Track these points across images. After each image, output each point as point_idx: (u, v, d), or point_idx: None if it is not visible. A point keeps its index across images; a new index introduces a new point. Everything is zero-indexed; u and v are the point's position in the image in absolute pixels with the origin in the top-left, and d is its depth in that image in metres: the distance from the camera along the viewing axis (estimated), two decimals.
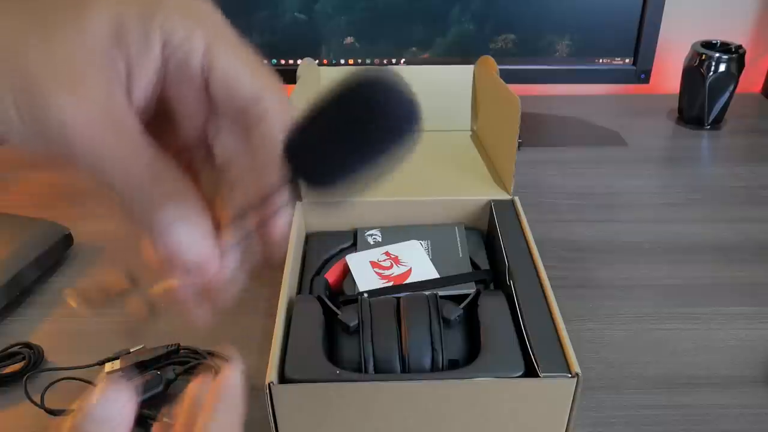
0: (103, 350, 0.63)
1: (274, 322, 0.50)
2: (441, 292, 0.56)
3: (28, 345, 0.62)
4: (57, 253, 0.74)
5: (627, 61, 0.97)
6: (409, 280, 0.60)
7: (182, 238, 0.24)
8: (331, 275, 0.62)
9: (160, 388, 0.56)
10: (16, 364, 0.60)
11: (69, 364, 0.59)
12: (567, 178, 0.92)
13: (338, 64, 0.97)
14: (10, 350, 0.61)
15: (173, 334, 0.63)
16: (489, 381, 0.47)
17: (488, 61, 0.81)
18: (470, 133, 0.86)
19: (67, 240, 0.75)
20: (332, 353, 0.51)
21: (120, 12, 0.22)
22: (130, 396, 0.27)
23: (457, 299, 0.54)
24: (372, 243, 0.65)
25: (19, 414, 0.57)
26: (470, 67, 0.85)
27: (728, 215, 0.83)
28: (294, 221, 0.63)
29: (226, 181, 0.26)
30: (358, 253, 0.64)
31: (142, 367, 0.59)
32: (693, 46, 1.02)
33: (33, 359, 0.60)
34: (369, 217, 0.68)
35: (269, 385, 0.44)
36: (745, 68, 1.00)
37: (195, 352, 0.61)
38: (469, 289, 0.58)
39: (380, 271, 0.61)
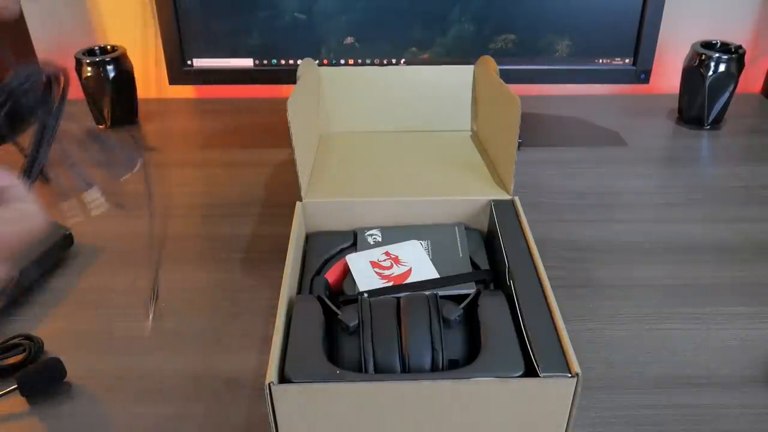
0: (103, 350, 0.63)
1: (274, 322, 0.50)
2: (441, 292, 0.56)
3: (28, 337, 0.62)
4: (57, 253, 0.74)
5: (627, 61, 0.97)
6: (409, 280, 0.60)
7: None
8: (331, 275, 0.62)
9: None
10: (17, 356, 0.60)
11: (69, 362, 0.59)
12: (567, 178, 0.92)
13: (338, 64, 0.97)
14: (11, 342, 0.62)
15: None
16: (489, 381, 0.47)
17: (488, 61, 0.81)
18: (470, 133, 0.86)
19: (67, 240, 0.76)
20: (332, 353, 0.51)
21: None
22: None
23: (457, 299, 0.54)
24: (372, 243, 0.65)
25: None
26: (470, 67, 0.85)
27: (728, 215, 0.83)
28: (294, 221, 0.63)
29: None
30: (358, 253, 0.64)
31: None
32: (693, 46, 1.03)
33: (33, 351, 0.61)
34: (369, 217, 0.68)
35: (269, 385, 0.44)
36: (744, 68, 1.00)
37: None
38: (469, 289, 0.58)
39: (380, 271, 0.61)
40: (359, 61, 0.97)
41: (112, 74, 1.02)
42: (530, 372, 0.47)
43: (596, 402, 0.57)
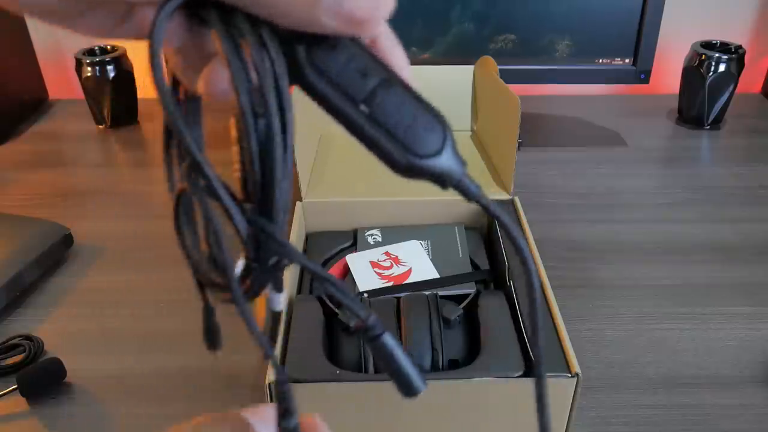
0: (103, 350, 0.63)
1: None
2: (441, 292, 0.56)
3: (28, 337, 0.62)
4: (57, 253, 0.74)
5: (627, 61, 0.97)
6: (409, 280, 0.60)
7: None
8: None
9: None
10: (17, 356, 0.61)
11: (69, 362, 0.59)
12: (567, 178, 0.92)
13: None
14: (11, 342, 0.62)
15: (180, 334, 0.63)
16: (489, 381, 0.47)
17: (488, 61, 0.81)
18: (470, 133, 0.86)
19: (67, 240, 0.75)
20: (332, 353, 0.51)
21: None
22: None
23: (457, 299, 0.54)
24: (372, 243, 0.65)
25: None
26: (470, 67, 0.85)
27: (728, 215, 0.83)
28: (294, 221, 0.63)
29: None
30: (358, 253, 0.64)
31: None
32: (693, 46, 1.02)
33: (33, 351, 0.61)
34: (369, 217, 0.68)
35: (269, 385, 0.44)
36: (744, 68, 1.00)
37: None
38: (469, 289, 0.58)
39: (380, 271, 0.61)
40: None
41: (112, 74, 1.02)
42: (530, 372, 0.47)
43: (596, 402, 0.57)
